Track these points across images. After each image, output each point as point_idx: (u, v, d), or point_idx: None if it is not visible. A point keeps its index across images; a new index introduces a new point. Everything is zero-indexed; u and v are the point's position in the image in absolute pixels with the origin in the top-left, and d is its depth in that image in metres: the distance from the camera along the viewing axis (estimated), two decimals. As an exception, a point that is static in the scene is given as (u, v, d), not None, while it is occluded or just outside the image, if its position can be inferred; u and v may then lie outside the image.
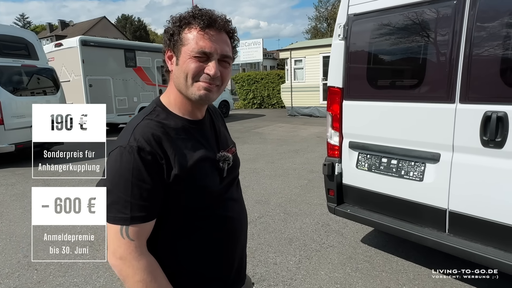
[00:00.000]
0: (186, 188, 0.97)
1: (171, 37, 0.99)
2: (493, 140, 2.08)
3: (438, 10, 2.31)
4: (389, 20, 2.60)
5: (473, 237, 2.30)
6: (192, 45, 0.96)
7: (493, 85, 2.12)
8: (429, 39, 2.43)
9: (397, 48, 2.66)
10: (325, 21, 32.56)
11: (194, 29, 0.96)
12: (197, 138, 1.04)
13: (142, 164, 0.90)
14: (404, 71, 2.72)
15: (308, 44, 15.74)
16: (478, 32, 2.12)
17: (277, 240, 3.51)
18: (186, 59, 0.96)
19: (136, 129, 0.94)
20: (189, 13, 0.98)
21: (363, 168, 2.85)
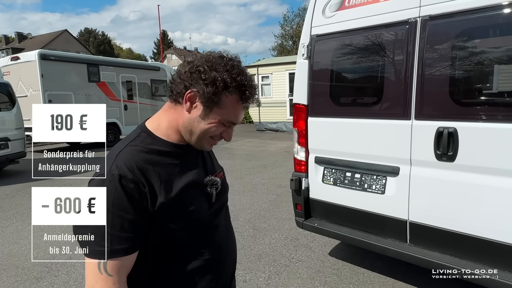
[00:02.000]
0: (172, 215, 0.93)
1: (208, 88, 0.90)
2: (446, 154, 2.24)
3: (392, 33, 2.48)
4: (349, 41, 2.75)
5: (431, 246, 2.42)
6: (227, 114, 0.94)
7: (443, 103, 2.28)
8: (385, 59, 2.59)
9: (357, 68, 2.81)
10: (290, 39, 33.57)
11: (237, 98, 0.93)
12: (183, 163, 1.00)
13: (123, 193, 0.85)
14: (364, 89, 2.87)
15: (274, 61, 16.12)
16: (428, 54, 2.29)
17: (246, 256, 3.49)
18: (214, 122, 0.94)
19: (119, 157, 0.90)
20: (237, 76, 0.92)
21: (329, 182, 2.94)
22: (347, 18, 2.68)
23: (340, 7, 2.73)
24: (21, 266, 3.36)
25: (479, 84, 2.31)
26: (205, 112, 0.93)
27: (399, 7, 2.39)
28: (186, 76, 0.93)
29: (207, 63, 0.92)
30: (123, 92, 12.11)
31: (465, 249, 2.25)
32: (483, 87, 2.28)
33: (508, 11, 2.02)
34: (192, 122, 0.95)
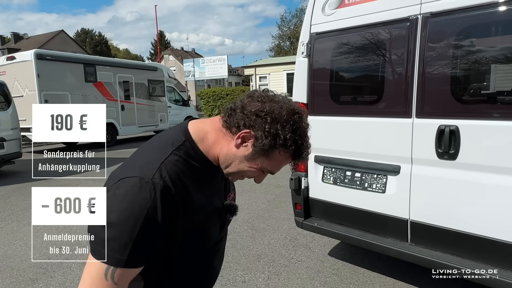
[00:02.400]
0: (190, 238, 0.91)
1: (267, 140, 0.87)
2: (447, 152, 2.21)
3: (393, 30, 2.46)
4: (349, 39, 2.73)
5: (433, 245, 2.40)
6: (272, 166, 0.93)
7: (445, 100, 2.27)
8: (386, 57, 2.57)
9: (357, 66, 2.79)
10: (288, 40, 33.65)
11: (288, 157, 0.92)
12: (214, 184, 0.99)
13: (161, 206, 0.81)
14: (365, 88, 2.85)
15: (272, 61, 16.12)
16: (429, 52, 2.27)
17: (245, 257, 3.46)
18: (256, 167, 0.92)
19: (164, 165, 0.85)
20: (299, 140, 0.90)
21: (329, 181, 2.91)
22: (347, 16, 2.66)
23: (340, 5, 2.70)
24: (16, 268, 3.31)
25: (480, 81, 2.29)
26: (252, 156, 0.91)
27: (400, 4, 2.37)
28: (251, 114, 0.88)
29: (276, 114, 0.87)
30: (120, 92, 12.04)
31: (467, 248, 2.23)
32: (485, 84, 2.26)
33: (508, 8, 2.00)
34: (235, 158, 0.92)
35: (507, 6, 2.00)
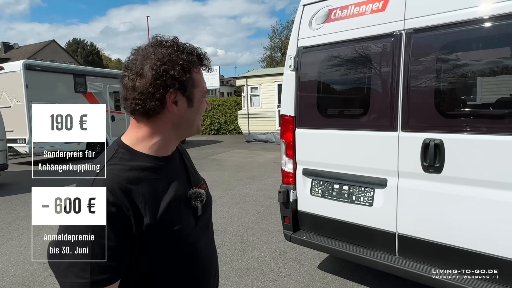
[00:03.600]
0: (158, 236, 0.88)
1: (180, 77, 0.88)
2: (433, 165, 2.23)
3: (378, 45, 2.50)
4: (335, 53, 2.76)
5: (420, 258, 2.39)
6: (202, 86, 0.97)
7: (429, 114, 2.29)
8: (372, 71, 2.60)
9: (344, 79, 2.82)
10: (279, 51, 33.95)
11: (198, 69, 0.96)
12: (167, 176, 0.95)
13: (105, 219, 0.80)
14: (351, 101, 2.87)
15: (263, 72, 16.24)
16: (413, 66, 2.31)
17: (234, 271, 3.40)
18: (200, 99, 0.97)
19: (99, 179, 0.84)
20: (190, 51, 0.93)
21: (317, 194, 2.90)
22: (334, 31, 2.69)
23: (327, 20, 2.74)
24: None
25: (463, 96, 2.33)
26: (189, 99, 0.94)
27: (384, 20, 2.41)
28: (151, 87, 0.87)
29: (163, 59, 0.88)
30: (110, 103, 11.96)
31: (453, 261, 2.23)
32: (467, 98, 2.30)
33: (489, 25, 2.05)
34: (185, 116, 0.94)
35: (486, 23, 2.05)
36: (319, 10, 2.79)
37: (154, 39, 0.93)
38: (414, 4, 2.29)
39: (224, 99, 21.71)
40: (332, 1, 2.72)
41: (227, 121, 20.26)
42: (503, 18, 1.95)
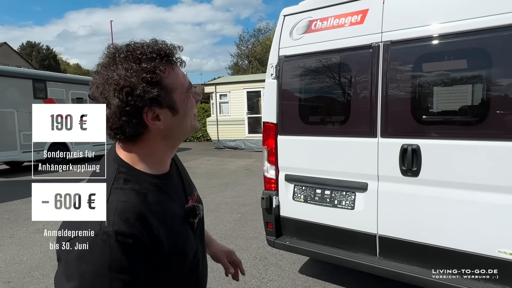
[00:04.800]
0: (169, 258, 0.82)
1: (149, 94, 0.78)
2: (410, 169, 2.37)
3: (357, 55, 2.62)
4: (316, 63, 2.86)
5: (400, 258, 2.52)
6: (181, 84, 0.86)
7: (406, 121, 2.44)
8: (352, 80, 2.73)
9: (325, 88, 2.93)
10: (246, 58, 34.25)
11: (171, 67, 0.84)
12: (171, 194, 0.90)
13: (121, 253, 0.72)
14: (332, 109, 2.98)
15: (232, 79, 16.30)
16: (391, 76, 2.45)
17: (215, 280, 3.37)
18: (185, 100, 0.86)
19: (108, 207, 0.76)
20: (150, 55, 0.80)
21: (299, 199, 2.97)
22: (314, 41, 2.79)
23: (307, 30, 2.84)
24: None
25: (436, 103, 2.51)
26: (172, 108, 0.84)
27: (363, 32, 2.55)
28: (122, 115, 0.78)
29: (120, 81, 0.77)
30: (73, 110, 11.41)
31: (431, 259, 2.37)
32: (441, 106, 2.48)
33: (455, 40, 2.23)
34: (173, 125, 0.85)
35: (455, 37, 2.23)
36: (299, 20, 2.88)
37: (107, 54, 0.82)
38: (390, 18, 2.44)
39: (191, 106, 21.46)
40: (312, 13, 2.82)
41: (195, 128, 20.03)
42: (468, 34, 2.14)
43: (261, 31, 34.33)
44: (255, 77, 16.03)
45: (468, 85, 2.42)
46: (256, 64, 32.02)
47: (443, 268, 2.31)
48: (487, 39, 2.12)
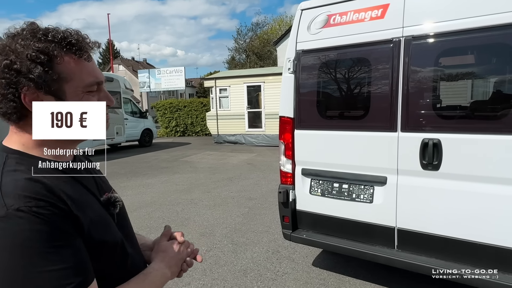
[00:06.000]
0: (91, 243, 0.76)
1: (31, 73, 0.72)
2: (431, 163, 2.40)
3: (378, 50, 2.63)
4: (334, 57, 2.87)
5: (418, 250, 2.56)
6: (82, 79, 0.80)
7: (427, 115, 2.47)
8: (372, 75, 2.74)
9: (344, 82, 2.94)
10: (243, 53, 34.10)
11: (71, 59, 0.78)
12: (79, 181, 0.83)
13: (42, 222, 0.67)
14: (351, 103, 3.00)
15: (232, 73, 16.23)
16: (412, 71, 2.47)
17: (231, 273, 3.40)
18: (79, 96, 0.80)
19: (5, 189, 0.69)
20: (53, 37, 0.75)
21: (316, 193, 2.99)
22: (333, 35, 2.80)
23: (325, 25, 2.84)
24: None
25: (457, 98, 2.53)
26: (57, 98, 0.78)
27: (383, 27, 2.56)
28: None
29: (3, 51, 0.73)
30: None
31: (450, 251, 2.42)
32: (461, 101, 2.51)
33: (483, 34, 2.25)
34: None
35: (478, 32, 2.24)
36: (318, 15, 2.88)
37: (21, 28, 0.78)
38: (412, 13, 2.45)
39: (190, 100, 21.36)
40: (331, 7, 2.83)
41: (194, 123, 19.97)
42: (495, 29, 2.16)
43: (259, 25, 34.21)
44: (255, 72, 16.01)
45: (489, 80, 2.45)
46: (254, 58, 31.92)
47: (462, 260, 2.36)
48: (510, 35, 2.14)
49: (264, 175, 8.19)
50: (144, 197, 6.47)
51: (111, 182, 1.05)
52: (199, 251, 1.08)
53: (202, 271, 3.43)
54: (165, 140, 17.96)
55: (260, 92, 14.11)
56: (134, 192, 6.84)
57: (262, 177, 7.93)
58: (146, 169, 9.39)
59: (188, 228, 4.70)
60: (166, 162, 10.54)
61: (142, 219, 5.09)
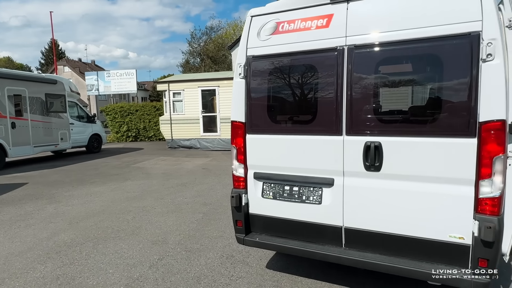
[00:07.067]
0: None
1: None
2: (373, 165, 2.56)
3: (324, 57, 2.74)
4: (284, 63, 2.95)
5: (364, 247, 2.71)
6: None
7: (369, 120, 2.62)
8: (318, 81, 2.85)
9: (292, 87, 3.02)
10: (198, 56, 33.71)
11: None
12: None
13: None
14: (300, 108, 3.09)
15: (186, 77, 15.97)
16: (355, 77, 2.61)
17: (184, 281, 3.33)
18: None
19: None
20: None
21: (268, 196, 3.04)
22: (282, 42, 2.88)
23: (275, 32, 2.92)
24: None
25: (396, 104, 2.73)
26: None
27: (328, 35, 2.68)
28: None
29: None
30: (9, 108, 10.42)
31: (392, 247, 2.58)
32: (399, 106, 2.70)
33: (414, 46, 2.44)
34: None
35: (413, 43, 2.43)
36: (267, 22, 2.95)
37: None
38: (354, 24, 2.60)
39: (142, 104, 20.65)
40: (280, 15, 2.91)
41: (146, 127, 19.34)
42: (424, 41, 2.36)
43: (213, 29, 34.05)
44: (209, 76, 15.89)
45: (424, 87, 2.67)
46: (209, 62, 31.69)
47: (403, 254, 2.54)
48: (440, 46, 2.35)
49: (219, 179, 8.14)
50: (92, 206, 6.12)
51: (54, 191, 0.99)
52: (151, 260, 1.05)
53: (153, 281, 3.32)
54: (115, 146, 17.17)
55: (215, 96, 14.05)
56: (80, 201, 6.45)
57: (217, 182, 7.88)
58: (94, 177, 8.89)
59: (139, 237, 4.53)
60: (117, 169, 10.07)
61: (89, 229, 4.81)
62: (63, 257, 3.93)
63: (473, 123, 2.25)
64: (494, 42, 2.15)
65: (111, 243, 4.30)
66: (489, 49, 2.16)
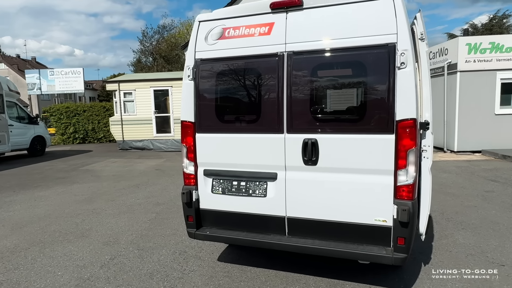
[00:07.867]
0: None
1: None
2: (311, 159, 2.85)
3: (266, 62, 2.98)
4: (230, 67, 3.15)
5: (305, 235, 2.99)
6: None
7: (306, 119, 2.91)
8: (262, 83, 3.09)
9: (238, 90, 3.24)
10: (150, 55, 32.84)
11: None
12: None
13: None
14: (245, 109, 3.30)
15: (138, 77, 15.58)
16: (293, 81, 2.89)
17: (136, 277, 3.40)
18: None
19: None
20: None
21: (218, 192, 3.23)
22: (228, 47, 3.08)
23: (221, 37, 3.11)
24: None
25: (329, 104, 3.05)
26: None
27: (270, 42, 2.93)
28: None
29: None
30: None
31: (329, 232, 2.89)
32: (332, 106, 3.03)
33: (342, 54, 2.77)
34: None
35: (341, 52, 2.76)
36: (214, 27, 3.13)
37: None
38: (292, 32, 2.87)
39: (90, 104, 19.73)
40: (226, 21, 3.11)
41: (95, 129, 18.53)
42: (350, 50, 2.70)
43: (166, 27, 33.35)
44: (162, 75, 15.64)
45: (352, 90, 3.01)
46: (162, 61, 31.01)
47: (338, 238, 2.86)
48: (364, 55, 2.70)
49: (173, 180, 8.15)
50: (36, 210, 5.86)
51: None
52: (102, 260, 1.15)
53: (105, 280, 3.35)
54: (61, 148, 16.27)
55: (168, 97, 13.90)
56: (23, 206, 6.14)
57: (171, 182, 7.89)
58: (38, 181, 8.44)
59: (89, 238, 4.47)
60: (63, 172, 9.62)
61: (35, 234, 4.64)
62: (6, 263, 3.79)
63: (391, 121, 2.62)
64: (406, 52, 2.53)
65: (59, 246, 4.21)
66: (403, 58, 2.54)
